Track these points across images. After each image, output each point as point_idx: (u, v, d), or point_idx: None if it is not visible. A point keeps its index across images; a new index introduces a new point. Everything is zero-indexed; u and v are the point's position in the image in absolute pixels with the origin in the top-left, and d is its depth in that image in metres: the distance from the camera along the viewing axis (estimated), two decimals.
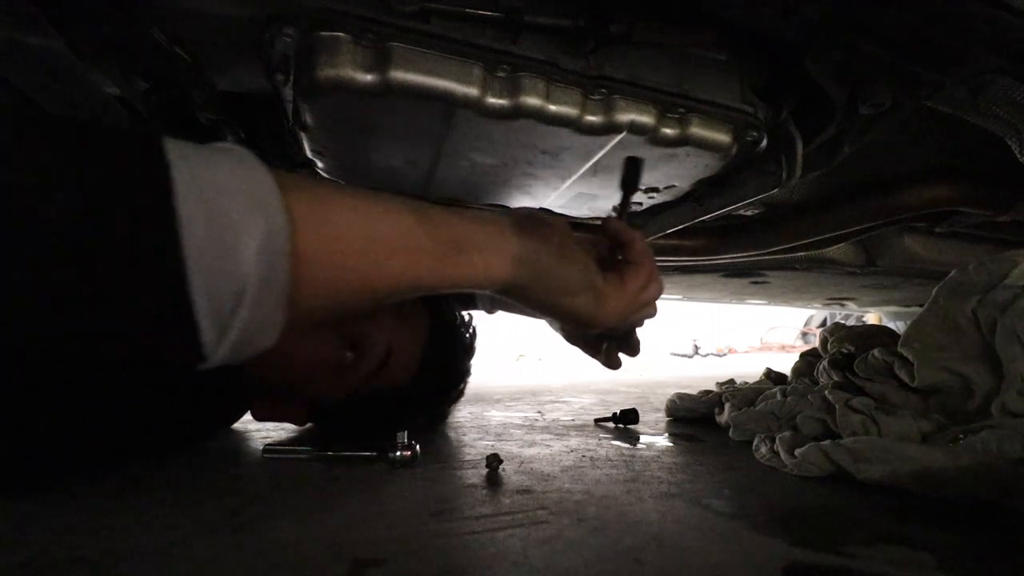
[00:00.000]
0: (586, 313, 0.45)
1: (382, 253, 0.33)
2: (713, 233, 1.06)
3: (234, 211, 0.26)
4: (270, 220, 0.27)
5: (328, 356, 0.67)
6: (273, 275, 0.27)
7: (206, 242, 0.25)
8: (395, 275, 0.34)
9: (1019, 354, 0.58)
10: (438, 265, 0.36)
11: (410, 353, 0.74)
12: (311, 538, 0.42)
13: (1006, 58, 0.49)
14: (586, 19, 0.51)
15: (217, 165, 0.26)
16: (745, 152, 0.63)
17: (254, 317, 0.27)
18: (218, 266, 0.25)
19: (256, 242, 0.26)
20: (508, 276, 0.40)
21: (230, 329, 0.27)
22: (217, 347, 0.27)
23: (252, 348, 0.29)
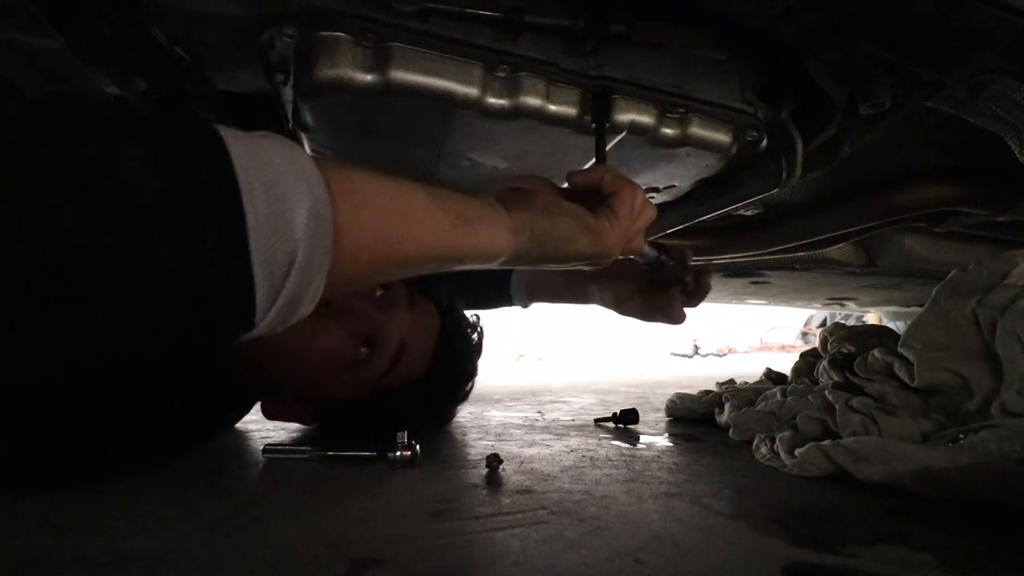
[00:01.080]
0: (593, 251, 0.49)
1: (403, 221, 0.36)
2: (713, 233, 1.06)
3: (285, 182, 0.28)
4: (314, 190, 0.29)
5: (343, 352, 0.68)
6: (319, 240, 0.29)
7: (265, 209, 0.27)
8: (415, 242, 0.36)
9: (1019, 354, 0.58)
10: (451, 235, 0.39)
11: (421, 350, 0.75)
12: (311, 538, 0.42)
13: (1006, 58, 0.49)
14: (586, 19, 0.51)
15: (264, 147, 0.29)
16: (745, 152, 0.63)
17: (301, 281, 0.29)
18: (276, 230, 0.28)
19: (306, 208, 0.29)
20: (509, 245, 0.43)
21: (281, 293, 0.29)
22: (267, 312, 0.29)
23: (294, 314, 0.31)
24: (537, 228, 0.45)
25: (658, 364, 3.02)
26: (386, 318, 0.70)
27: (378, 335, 0.69)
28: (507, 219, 0.43)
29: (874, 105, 0.54)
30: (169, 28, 0.47)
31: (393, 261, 0.36)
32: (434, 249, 0.38)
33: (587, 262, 0.50)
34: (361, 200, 0.33)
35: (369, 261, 0.34)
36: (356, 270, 0.34)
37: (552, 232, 0.46)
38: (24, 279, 0.23)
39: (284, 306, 0.30)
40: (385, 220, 0.35)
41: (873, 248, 1.16)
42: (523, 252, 0.44)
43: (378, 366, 0.70)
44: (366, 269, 0.34)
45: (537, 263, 0.47)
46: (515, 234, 0.43)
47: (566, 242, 0.47)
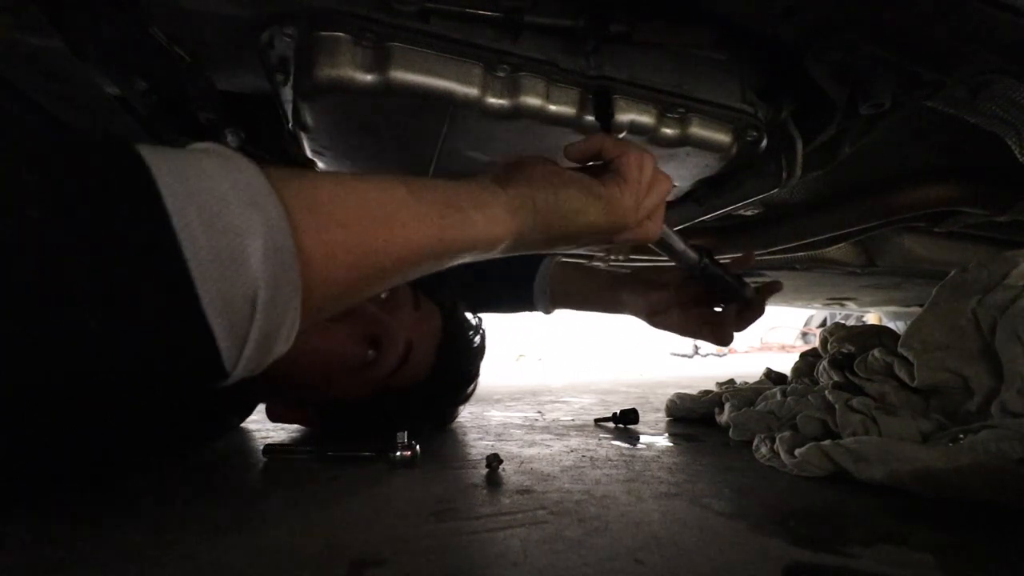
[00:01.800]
0: (606, 222, 0.45)
1: (382, 226, 0.32)
2: (713, 233, 1.06)
3: (231, 214, 0.24)
4: (269, 216, 0.25)
5: (351, 355, 0.68)
6: (282, 274, 0.26)
7: (208, 250, 0.23)
8: (399, 246, 0.33)
9: (1019, 354, 0.58)
10: (442, 229, 0.35)
11: (426, 351, 0.75)
12: (311, 538, 0.42)
13: (1006, 58, 0.49)
14: (586, 19, 0.51)
15: (202, 168, 0.25)
16: (745, 152, 0.63)
17: (269, 321, 0.26)
18: (227, 275, 0.24)
19: (260, 242, 0.25)
20: (509, 227, 0.39)
21: (248, 339, 0.26)
22: (237, 361, 0.26)
23: (270, 356, 0.28)
24: (540, 203, 0.41)
25: (658, 364, 3.01)
26: (392, 319, 0.70)
27: (385, 336, 0.69)
28: (504, 197, 0.39)
29: (874, 105, 0.54)
30: (169, 28, 0.47)
31: (378, 272, 0.32)
32: (424, 248, 0.34)
33: (601, 237, 0.46)
34: (328, 214, 0.29)
35: (348, 279, 0.31)
36: (337, 292, 0.31)
37: (557, 205, 0.42)
38: None
39: (256, 349, 0.26)
40: (360, 230, 0.31)
41: (873, 248, 1.16)
42: (526, 233, 0.41)
43: (385, 367, 0.70)
44: (348, 288, 0.31)
45: (544, 244, 0.43)
46: (515, 213, 0.39)
47: (574, 215, 0.43)
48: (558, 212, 0.42)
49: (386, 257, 0.32)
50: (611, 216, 0.45)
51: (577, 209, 0.43)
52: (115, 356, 0.23)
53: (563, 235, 0.43)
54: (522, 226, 0.40)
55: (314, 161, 0.73)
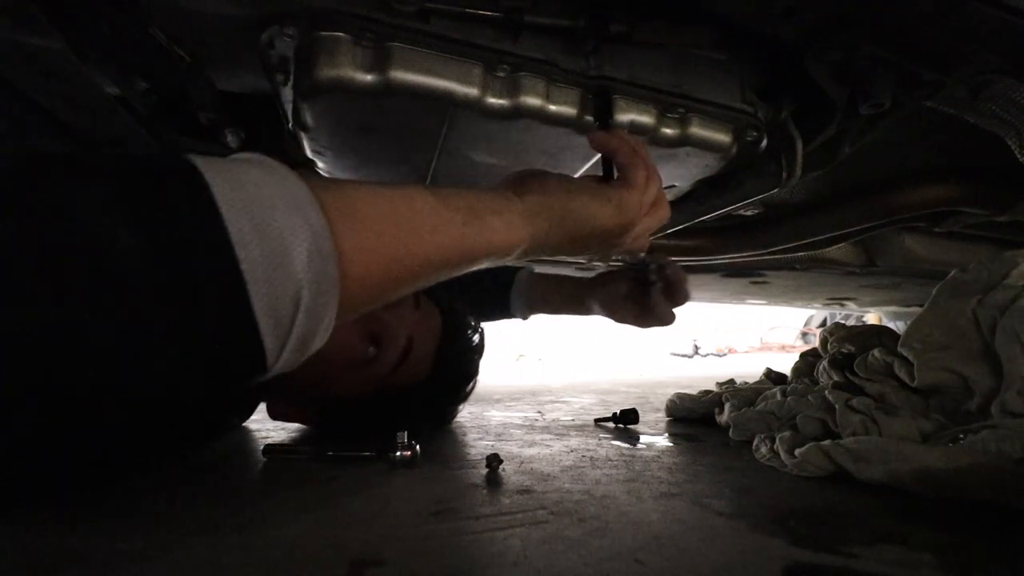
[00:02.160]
0: (616, 224, 0.47)
1: (410, 232, 0.34)
2: (713, 233, 1.06)
3: (278, 220, 0.26)
4: (312, 223, 0.28)
5: (353, 352, 0.68)
6: (323, 276, 0.28)
7: (260, 255, 0.26)
8: (427, 250, 0.35)
9: (1019, 354, 0.58)
10: (464, 235, 0.37)
11: (426, 349, 0.75)
12: (311, 538, 0.42)
13: (1006, 58, 0.49)
14: (586, 19, 0.51)
15: (251, 178, 0.27)
16: (745, 152, 0.63)
17: (310, 320, 0.28)
18: (275, 277, 0.26)
19: (305, 246, 0.27)
20: (527, 232, 0.41)
21: (290, 336, 0.28)
22: (278, 357, 0.28)
23: (307, 351, 0.30)
24: (556, 207, 0.43)
25: (658, 364, 3.01)
26: (393, 317, 0.71)
27: (385, 334, 0.70)
28: (520, 205, 0.42)
29: (874, 105, 0.54)
30: (169, 28, 0.47)
31: (407, 275, 0.35)
32: (449, 252, 0.37)
33: (611, 240, 0.49)
34: (363, 220, 0.32)
35: (380, 281, 0.33)
36: (369, 294, 0.33)
37: (571, 208, 0.44)
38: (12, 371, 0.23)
39: (296, 346, 0.29)
40: (391, 236, 0.33)
41: (873, 248, 1.16)
42: (543, 236, 0.43)
43: (385, 364, 0.70)
44: (379, 289, 0.34)
45: (561, 246, 0.45)
46: (532, 219, 0.42)
47: (589, 218, 0.45)
48: (573, 216, 0.45)
49: (414, 261, 0.35)
50: (621, 218, 0.48)
51: (592, 213, 0.46)
52: (174, 350, 0.25)
53: (578, 236, 0.46)
54: (538, 231, 0.42)
55: (314, 161, 0.73)
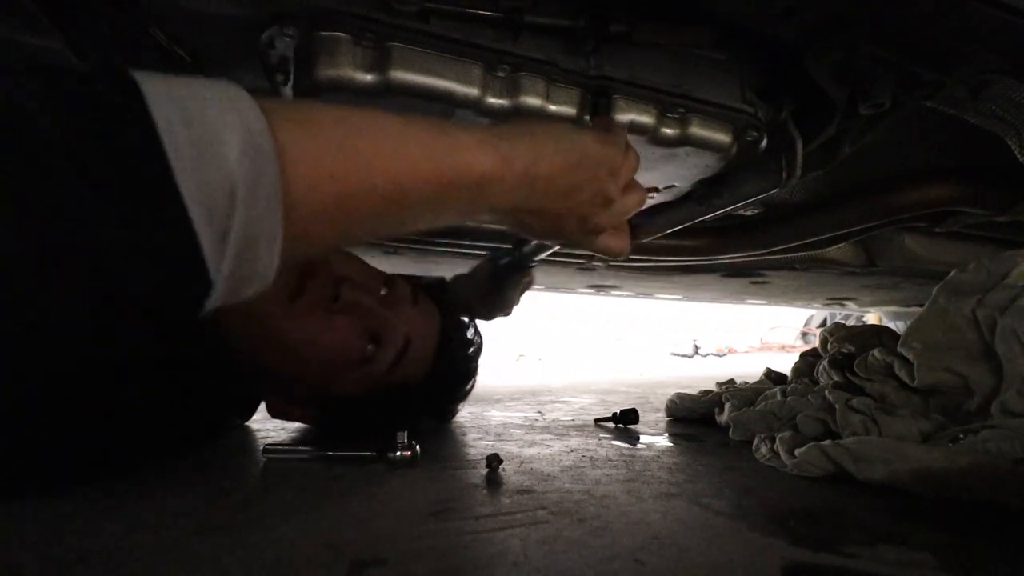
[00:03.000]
0: (605, 152, 0.46)
1: (373, 144, 0.33)
2: (713, 233, 1.06)
3: (209, 112, 0.26)
4: (247, 120, 0.27)
5: (352, 348, 0.68)
6: (260, 173, 0.27)
7: (187, 141, 0.25)
8: (391, 168, 0.33)
9: (1019, 354, 0.58)
10: (433, 151, 0.35)
11: (425, 347, 0.75)
12: (311, 538, 0.42)
13: (1006, 58, 0.49)
14: (586, 19, 0.51)
15: (185, 81, 0.27)
16: (745, 152, 0.63)
17: (251, 220, 0.27)
18: (204, 164, 0.25)
19: (237, 138, 0.26)
20: (507, 151, 0.39)
21: (229, 236, 0.26)
22: (220, 257, 0.26)
23: (254, 267, 0.29)
24: (538, 130, 0.42)
25: (658, 364, 3.01)
26: (392, 315, 0.71)
27: (384, 331, 0.70)
28: (496, 130, 0.40)
29: (874, 105, 0.54)
30: (169, 28, 0.47)
31: (368, 195, 0.32)
32: (416, 169, 0.34)
33: (605, 168, 0.46)
34: (317, 127, 0.30)
35: (336, 198, 0.31)
36: (321, 207, 0.31)
37: (555, 131, 0.43)
38: None
39: (237, 253, 0.27)
40: (349, 146, 0.31)
41: (873, 248, 1.16)
42: (526, 159, 0.40)
43: (384, 362, 0.70)
44: (334, 205, 0.31)
45: (552, 177, 0.42)
46: (512, 140, 0.40)
47: (576, 141, 0.44)
48: (557, 138, 0.43)
49: (376, 178, 0.32)
50: (607, 147, 0.46)
51: (576, 136, 0.44)
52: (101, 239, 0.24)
53: (567, 165, 0.43)
54: (519, 152, 0.40)
55: None
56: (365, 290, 0.70)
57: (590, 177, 0.45)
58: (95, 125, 0.24)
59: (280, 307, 0.65)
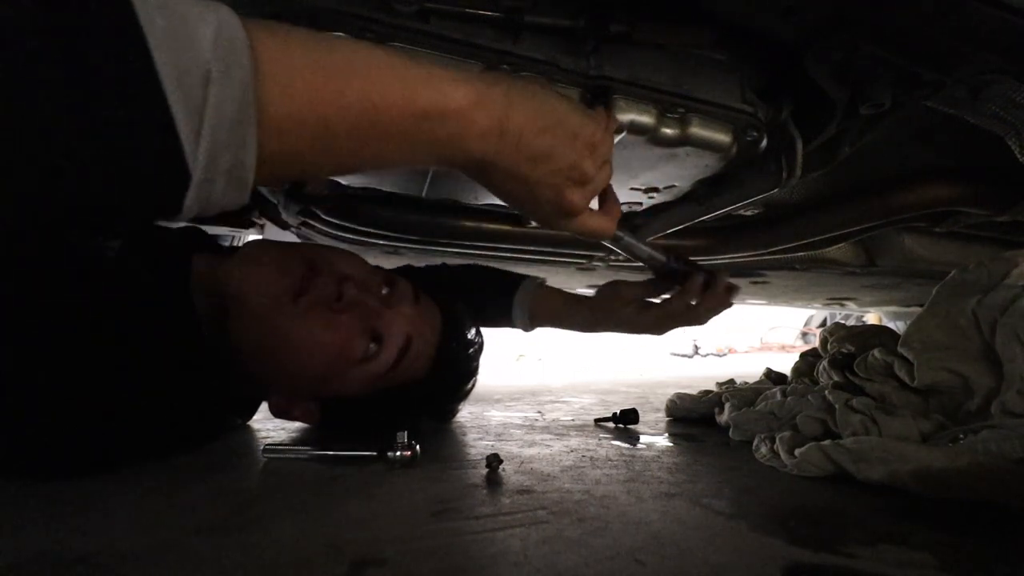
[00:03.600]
0: (582, 122, 0.45)
1: (347, 60, 0.33)
2: (713, 233, 1.06)
3: (184, 5, 0.27)
4: (221, 15, 0.28)
5: (352, 346, 0.68)
6: (234, 61, 0.28)
7: (164, 29, 0.25)
8: (366, 86, 0.34)
9: (1019, 354, 0.58)
10: (408, 76, 0.36)
11: (427, 345, 0.75)
12: (311, 538, 0.42)
13: (1006, 58, 0.49)
14: (586, 19, 0.51)
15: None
16: (745, 152, 0.63)
17: (225, 102, 0.27)
18: (179, 46, 0.26)
19: (211, 28, 0.27)
20: (484, 91, 0.39)
21: (204, 116, 0.27)
22: (196, 142, 0.27)
23: (231, 155, 0.29)
24: (518, 83, 0.42)
25: (658, 364, 3.02)
26: (393, 313, 0.71)
27: (385, 330, 0.70)
28: (477, 71, 0.41)
29: (874, 105, 0.54)
30: None
31: (338, 104, 0.33)
32: (388, 91, 0.34)
33: (581, 138, 0.45)
34: (292, 39, 0.31)
35: (308, 101, 0.31)
36: (296, 112, 0.31)
37: (536, 90, 0.43)
38: None
39: (213, 138, 0.27)
40: (323, 58, 0.32)
41: (873, 248, 1.16)
42: (503, 105, 0.40)
43: (385, 361, 0.71)
44: (308, 111, 0.32)
45: (524, 131, 0.42)
46: (490, 84, 0.40)
47: (556, 103, 0.43)
48: (537, 96, 0.42)
49: (348, 89, 0.33)
50: (586, 120, 0.45)
51: (556, 100, 0.44)
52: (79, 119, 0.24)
53: (544, 125, 0.42)
54: (496, 97, 0.40)
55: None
56: (367, 289, 0.70)
57: (565, 146, 0.44)
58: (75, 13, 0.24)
59: (283, 305, 0.65)
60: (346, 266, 0.71)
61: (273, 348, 0.65)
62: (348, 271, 0.70)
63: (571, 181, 0.46)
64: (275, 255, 0.69)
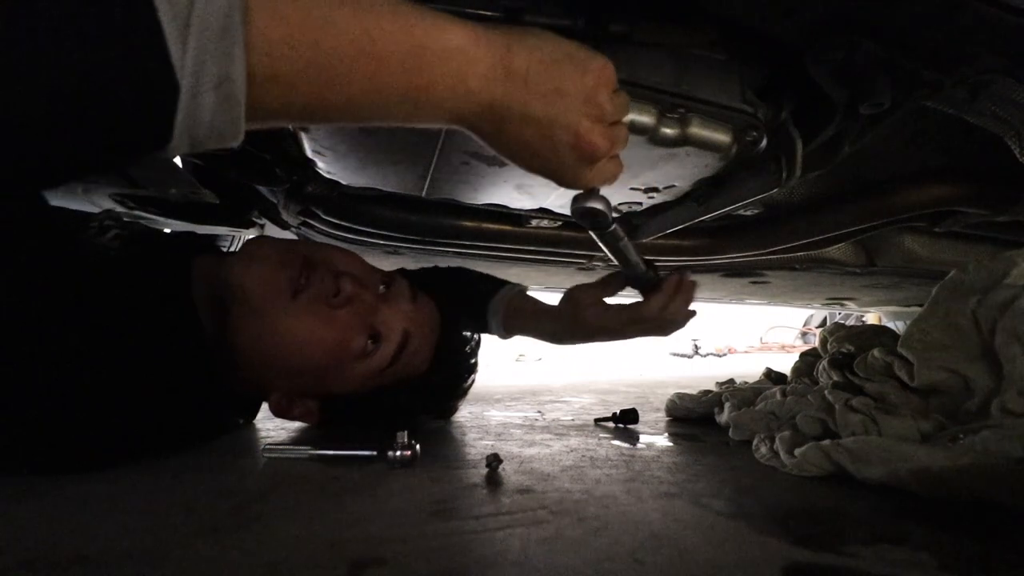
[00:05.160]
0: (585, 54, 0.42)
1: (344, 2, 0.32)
2: (713, 233, 1.06)
3: None
4: None
5: (351, 344, 0.69)
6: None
7: None
8: (366, 27, 0.33)
9: (1019, 354, 0.58)
10: (411, 23, 0.35)
11: (425, 341, 0.76)
12: (311, 538, 0.42)
13: (1006, 58, 0.49)
14: (586, 19, 0.51)
15: None
16: (745, 152, 0.63)
17: (210, 11, 0.27)
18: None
19: None
20: (488, 39, 0.38)
21: (190, 24, 0.26)
22: (182, 50, 0.26)
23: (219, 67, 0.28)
24: (514, 29, 0.40)
25: (658, 364, 3.02)
26: (391, 309, 0.72)
27: (383, 326, 0.71)
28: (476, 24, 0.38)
29: (874, 105, 0.54)
30: None
31: (333, 34, 0.32)
32: (382, 17, 0.34)
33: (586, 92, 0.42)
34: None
35: (299, 23, 0.31)
36: (287, 37, 0.30)
37: (530, 31, 0.41)
38: None
39: (200, 45, 0.27)
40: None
41: (873, 248, 1.16)
42: (506, 49, 0.39)
43: (384, 357, 0.71)
44: (300, 37, 0.31)
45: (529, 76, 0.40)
46: (496, 35, 0.38)
47: (553, 43, 0.41)
48: (544, 45, 0.41)
49: (341, 15, 0.32)
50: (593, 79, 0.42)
51: (565, 51, 0.41)
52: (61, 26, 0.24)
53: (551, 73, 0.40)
54: (499, 42, 0.39)
55: (314, 161, 0.73)
56: (364, 285, 0.70)
57: (577, 78, 0.41)
58: None
59: (281, 302, 0.65)
60: (344, 263, 0.72)
61: (272, 345, 0.66)
62: (346, 268, 0.71)
63: (589, 118, 0.43)
64: (274, 250, 0.69)
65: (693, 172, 0.68)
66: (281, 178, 0.83)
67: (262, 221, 1.11)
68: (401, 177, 0.78)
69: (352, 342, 0.69)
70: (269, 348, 0.66)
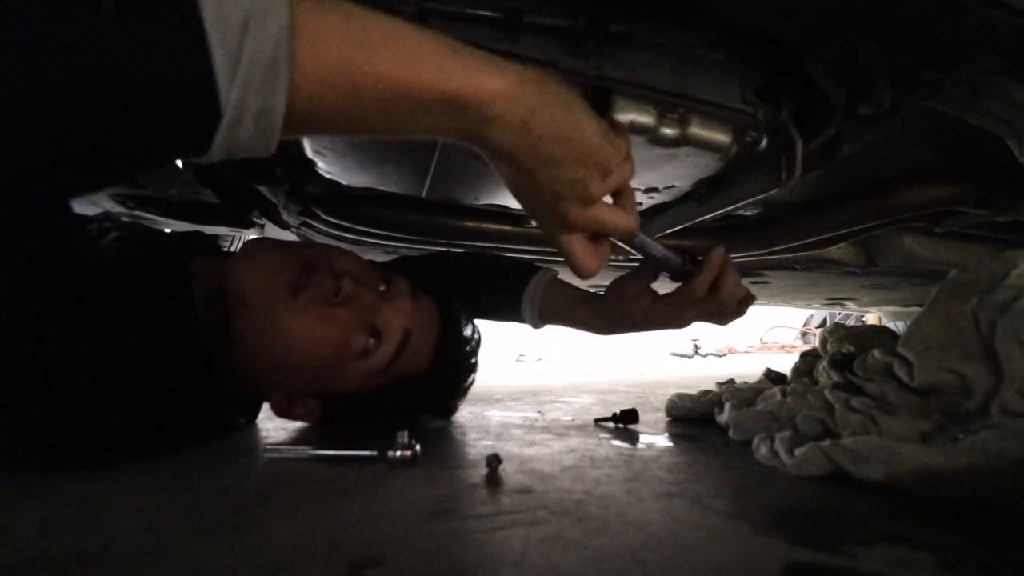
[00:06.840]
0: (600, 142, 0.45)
1: (380, 28, 0.34)
2: (713, 233, 1.06)
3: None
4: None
5: (351, 342, 0.69)
6: (271, 10, 0.29)
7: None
8: (396, 49, 0.35)
9: (1019, 354, 0.58)
10: (438, 50, 0.37)
11: (425, 340, 0.76)
12: (311, 537, 0.42)
13: (1006, 58, 0.49)
14: (586, 19, 0.51)
15: None
16: (745, 152, 0.63)
17: (260, 49, 0.29)
18: None
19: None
20: (513, 79, 0.40)
21: (240, 61, 0.28)
22: (230, 83, 0.29)
23: (262, 100, 0.30)
24: (551, 89, 0.42)
25: (658, 364, 3.02)
26: (391, 308, 0.72)
27: (383, 324, 0.71)
28: (515, 64, 0.40)
29: (874, 105, 0.54)
30: None
31: (372, 72, 0.34)
32: (420, 63, 0.35)
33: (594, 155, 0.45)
34: (328, 4, 0.33)
35: (341, 60, 0.33)
36: (328, 69, 0.32)
37: (566, 98, 0.43)
38: None
39: (246, 80, 0.29)
40: (357, 21, 0.33)
41: (873, 248, 1.16)
42: (525, 97, 0.40)
43: (384, 356, 0.71)
44: (340, 70, 0.33)
45: (542, 127, 0.42)
46: (522, 75, 0.40)
47: (579, 114, 0.44)
48: (564, 101, 0.43)
49: (382, 61, 0.34)
50: (607, 140, 0.45)
51: (582, 114, 0.44)
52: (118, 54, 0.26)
53: (561, 130, 0.43)
54: (521, 87, 0.40)
55: (314, 161, 0.73)
56: (364, 284, 0.70)
57: (577, 161, 0.45)
58: None
59: (282, 302, 0.65)
60: (343, 262, 0.72)
61: (272, 344, 0.66)
62: (345, 267, 0.71)
63: (573, 195, 0.47)
64: (274, 251, 0.70)
65: (693, 172, 0.68)
66: (281, 178, 0.83)
67: (262, 221, 1.12)
68: (401, 177, 0.78)
69: (353, 341, 0.69)
70: (270, 348, 0.66)
